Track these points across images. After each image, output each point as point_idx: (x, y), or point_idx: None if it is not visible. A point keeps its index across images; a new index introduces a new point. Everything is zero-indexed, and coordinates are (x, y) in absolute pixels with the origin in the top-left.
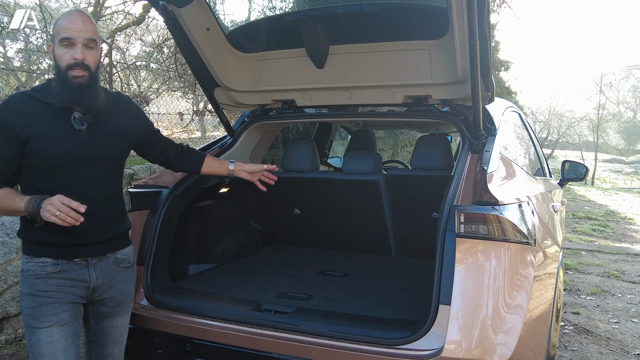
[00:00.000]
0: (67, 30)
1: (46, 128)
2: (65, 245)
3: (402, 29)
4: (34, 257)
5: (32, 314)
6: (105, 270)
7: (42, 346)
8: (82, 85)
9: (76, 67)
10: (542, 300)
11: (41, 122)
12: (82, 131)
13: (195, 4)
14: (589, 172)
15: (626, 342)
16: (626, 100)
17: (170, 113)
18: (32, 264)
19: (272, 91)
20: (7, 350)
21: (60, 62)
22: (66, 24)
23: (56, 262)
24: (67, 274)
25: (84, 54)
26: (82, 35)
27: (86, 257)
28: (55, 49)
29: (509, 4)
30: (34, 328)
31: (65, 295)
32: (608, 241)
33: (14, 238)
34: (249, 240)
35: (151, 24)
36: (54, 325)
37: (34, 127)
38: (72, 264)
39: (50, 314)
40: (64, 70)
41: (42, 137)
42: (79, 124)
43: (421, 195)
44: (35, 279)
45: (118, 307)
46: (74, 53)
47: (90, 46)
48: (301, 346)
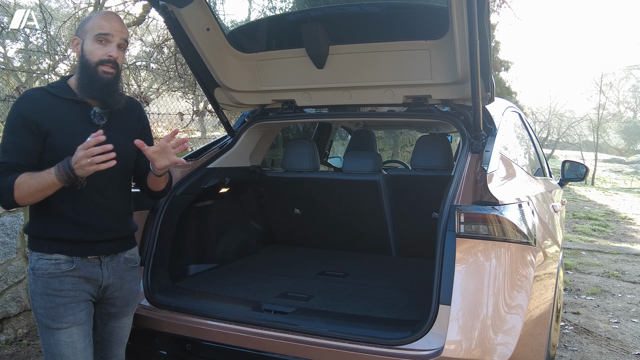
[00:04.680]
0: (105, 27)
1: (65, 123)
2: (82, 241)
3: (402, 29)
4: (45, 254)
5: (50, 315)
6: (117, 269)
7: (62, 347)
8: (110, 81)
9: (108, 63)
10: (542, 300)
11: (60, 117)
12: (100, 126)
13: (195, 4)
14: (589, 172)
15: (626, 342)
16: (626, 100)
17: (170, 113)
18: (43, 262)
19: (272, 91)
20: (7, 351)
21: (91, 56)
22: (104, 22)
23: (70, 260)
24: (82, 272)
25: (117, 53)
26: (119, 34)
27: (100, 255)
28: (87, 43)
29: (509, 4)
30: (52, 329)
31: (81, 294)
32: (608, 241)
33: (14, 238)
34: (249, 240)
35: (151, 24)
36: (73, 326)
37: (53, 121)
38: (86, 261)
39: (69, 314)
40: (94, 64)
41: (61, 131)
42: (98, 119)
43: (421, 195)
44: (49, 278)
45: (126, 307)
46: (109, 50)
47: (122, 47)
48: (301, 346)
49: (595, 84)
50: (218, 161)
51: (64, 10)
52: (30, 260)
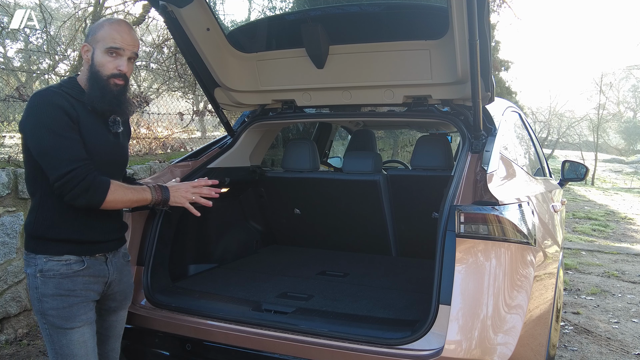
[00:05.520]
0: (117, 40)
1: (90, 124)
2: (93, 242)
3: (402, 29)
4: (55, 256)
5: (62, 315)
6: (118, 264)
7: (74, 347)
8: (119, 92)
9: (119, 77)
10: (542, 300)
11: (84, 118)
12: (116, 134)
13: (195, 4)
14: (589, 172)
15: (626, 342)
16: (626, 100)
17: (170, 113)
18: (53, 263)
19: (272, 91)
20: (7, 350)
21: (102, 69)
22: (116, 34)
23: (81, 259)
24: (91, 271)
25: (127, 67)
26: (130, 48)
27: (107, 252)
28: (98, 55)
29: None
30: (65, 329)
31: (90, 294)
32: (608, 241)
33: (14, 238)
34: (249, 240)
35: (151, 24)
36: (85, 325)
37: (80, 120)
38: (94, 259)
39: (82, 314)
40: (105, 77)
41: (87, 133)
42: (116, 127)
43: (421, 195)
44: (61, 279)
45: (125, 300)
46: (120, 64)
47: (132, 59)
48: (301, 346)
49: (595, 84)
50: (218, 161)
51: (64, 10)
52: (32, 263)
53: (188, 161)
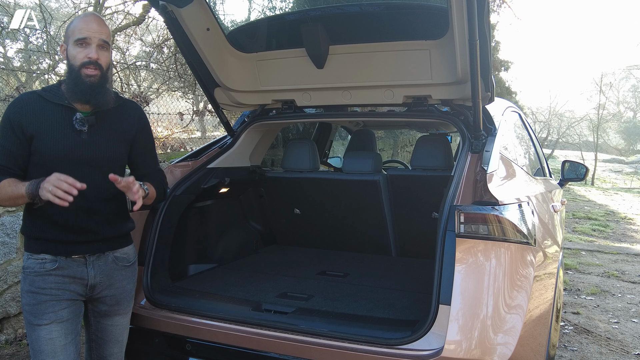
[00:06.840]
0: (83, 30)
1: (49, 127)
2: (64, 241)
3: (402, 29)
4: (34, 254)
5: (32, 311)
6: (104, 268)
7: (41, 343)
8: (94, 84)
9: (90, 65)
10: (542, 300)
11: (45, 121)
12: (83, 132)
13: (195, 4)
14: (589, 172)
15: (626, 342)
16: (626, 100)
17: (170, 113)
18: (32, 261)
19: (272, 91)
20: (7, 350)
21: (74, 61)
22: (82, 25)
23: (55, 259)
24: (66, 271)
25: (98, 54)
26: (97, 36)
27: (84, 254)
28: (69, 49)
29: (509, 4)
30: (34, 325)
31: (64, 293)
32: (608, 241)
33: (14, 238)
34: (249, 240)
35: (151, 24)
36: (53, 323)
37: (38, 125)
38: (71, 261)
39: (49, 312)
40: (77, 68)
41: (44, 136)
42: (79, 125)
43: (421, 195)
44: (34, 277)
45: (118, 305)
46: (89, 52)
47: (103, 47)
48: (301, 346)
49: (595, 84)
50: (218, 161)
51: (64, 10)
52: (23, 259)
53: (188, 161)
